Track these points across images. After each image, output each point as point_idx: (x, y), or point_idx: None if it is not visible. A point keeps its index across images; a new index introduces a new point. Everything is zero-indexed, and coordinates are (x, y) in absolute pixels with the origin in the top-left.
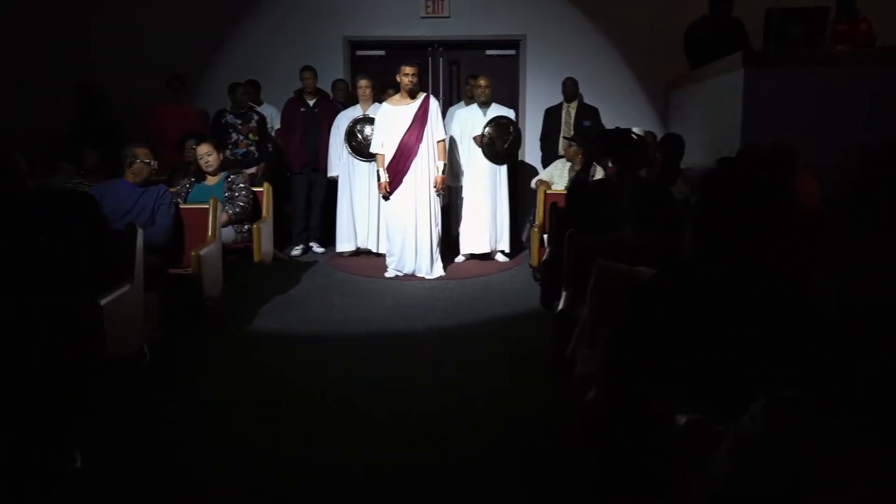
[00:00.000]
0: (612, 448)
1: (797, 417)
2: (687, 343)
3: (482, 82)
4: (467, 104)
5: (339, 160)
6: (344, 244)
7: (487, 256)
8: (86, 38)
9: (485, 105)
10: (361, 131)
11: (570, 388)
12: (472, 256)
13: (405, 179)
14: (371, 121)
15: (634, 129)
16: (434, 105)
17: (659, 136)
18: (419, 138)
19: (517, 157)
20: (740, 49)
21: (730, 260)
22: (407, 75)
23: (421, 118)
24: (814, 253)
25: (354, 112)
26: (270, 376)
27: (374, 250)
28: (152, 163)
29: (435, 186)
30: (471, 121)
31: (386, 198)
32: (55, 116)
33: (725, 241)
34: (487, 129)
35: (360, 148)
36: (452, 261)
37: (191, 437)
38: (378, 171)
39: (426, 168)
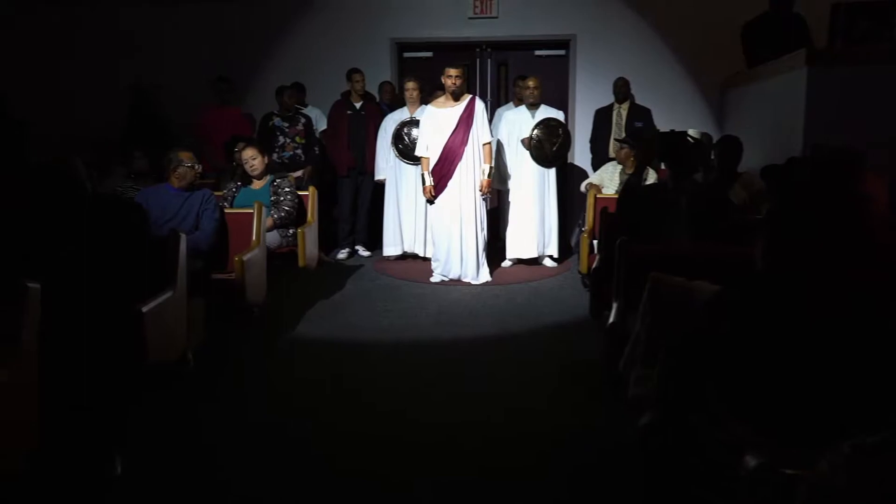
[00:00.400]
0: (669, 481)
1: (886, 469)
2: (755, 370)
3: (531, 83)
4: (516, 105)
5: (387, 163)
6: (390, 248)
7: (535, 261)
8: (135, 41)
9: (533, 107)
10: (409, 134)
11: (622, 407)
12: (519, 261)
13: (450, 183)
14: (418, 123)
15: (691, 132)
16: (480, 107)
17: (715, 137)
18: (464, 141)
19: (566, 160)
20: (802, 46)
21: (808, 278)
22: (451, 77)
23: (466, 121)
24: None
25: (402, 115)
26: (312, 384)
27: (421, 254)
28: (196, 166)
29: (481, 190)
30: (518, 123)
31: (430, 202)
32: (107, 119)
33: (804, 257)
34: (536, 131)
35: (406, 151)
36: (499, 265)
37: (231, 443)
38: (423, 175)
39: (472, 172)
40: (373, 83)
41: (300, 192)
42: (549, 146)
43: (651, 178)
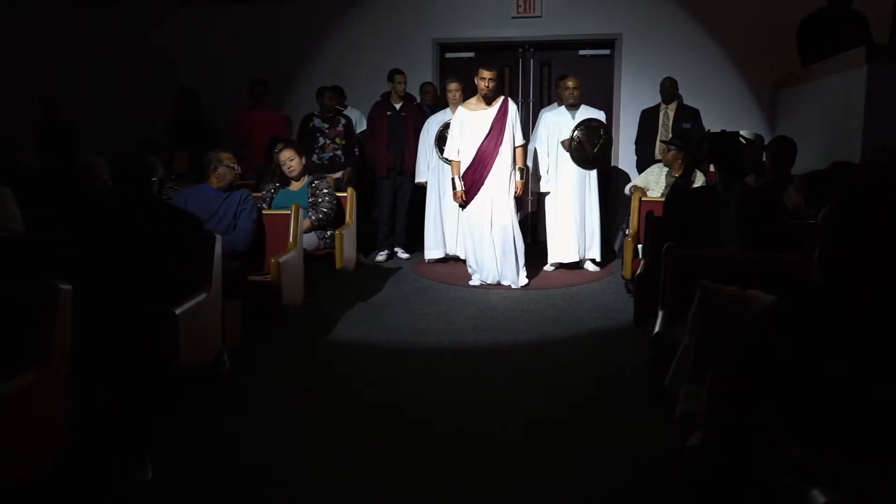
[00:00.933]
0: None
1: None
2: (820, 392)
3: (570, 83)
4: (559, 106)
5: (428, 166)
6: (432, 251)
7: (576, 265)
8: (178, 44)
9: (573, 107)
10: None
11: (669, 424)
12: (560, 266)
13: (483, 188)
14: None
15: (743, 133)
16: (513, 109)
17: (767, 139)
18: (498, 145)
19: (608, 161)
20: (862, 43)
21: (873, 291)
22: (484, 79)
23: (500, 124)
24: None
25: (444, 116)
26: (347, 388)
27: (462, 257)
28: (236, 167)
29: (515, 192)
30: (558, 124)
31: (462, 206)
32: (150, 121)
33: (863, 266)
34: (576, 132)
35: None
36: (541, 269)
37: (265, 447)
38: (453, 179)
39: (506, 176)
40: (414, 84)
41: (339, 194)
42: (590, 147)
43: (699, 180)
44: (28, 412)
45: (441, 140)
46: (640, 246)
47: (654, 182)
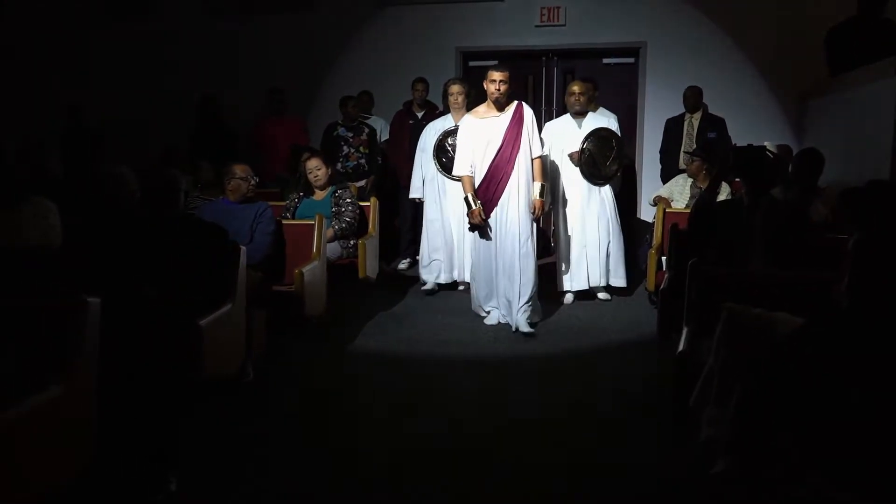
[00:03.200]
0: None
1: None
2: (841, 419)
3: (575, 88)
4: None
5: (426, 180)
6: (430, 275)
7: (588, 295)
8: (203, 53)
9: (579, 115)
10: (453, 145)
11: (692, 445)
12: (574, 296)
13: (497, 208)
14: None
15: (768, 146)
16: (529, 115)
17: (793, 150)
18: (513, 158)
19: (622, 174)
20: (892, 54)
21: None
22: (494, 82)
23: (514, 133)
24: None
25: (444, 123)
26: (369, 397)
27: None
28: (250, 179)
29: (532, 212)
30: (563, 134)
31: (474, 228)
32: (173, 129)
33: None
34: (586, 144)
35: (450, 165)
36: (557, 299)
37: (287, 456)
38: (467, 198)
39: (524, 194)
40: (438, 92)
41: (361, 203)
42: (602, 160)
43: (724, 193)
44: (56, 424)
45: (441, 150)
46: (663, 258)
47: (678, 193)
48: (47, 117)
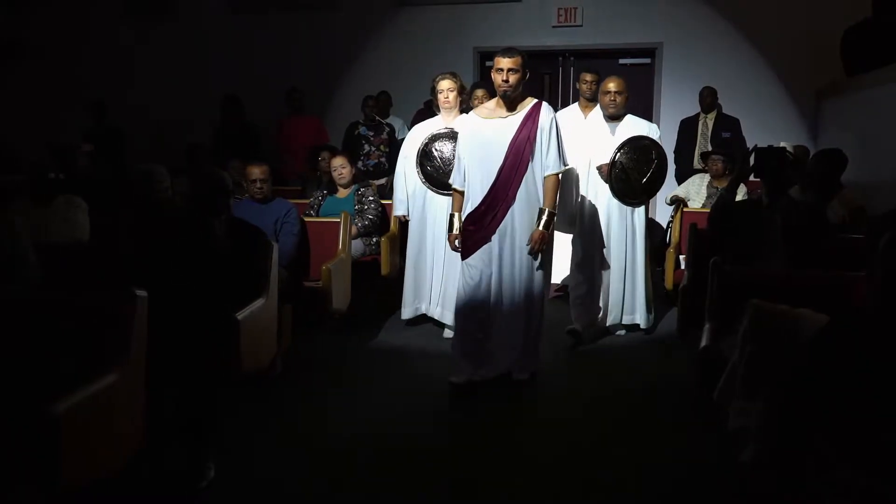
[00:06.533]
0: None
1: None
2: (868, 414)
3: (612, 86)
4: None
5: (410, 193)
6: (406, 308)
7: (605, 332)
8: (223, 51)
9: (615, 119)
10: (441, 152)
11: (715, 438)
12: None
13: (497, 234)
14: (455, 136)
15: (786, 146)
16: (548, 118)
17: (809, 149)
18: (522, 171)
19: (655, 192)
20: None
21: None
22: (500, 71)
23: (525, 139)
24: None
25: (432, 125)
26: (389, 393)
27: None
28: (259, 183)
29: (531, 244)
30: (590, 135)
31: (464, 256)
32: (196, 127)
33: None
34: (620, 154)
35: (436, 175)
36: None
37: (314, 448)
38: (452, 217)
39: (534, 215)
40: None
41: (383, 201)
42: (636, 176)
43: (741, 192)
44: (111, 411)
45: (425, 157)
46: (681, 257)
47: (694, 192)
48: (75, 116)
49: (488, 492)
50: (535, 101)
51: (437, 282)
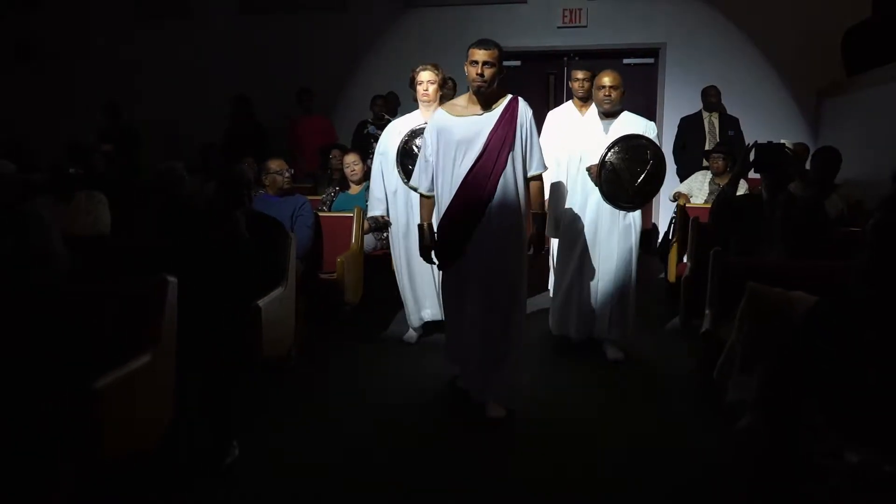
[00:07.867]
0: (770, 482)
1: None
2: (854, 384)
3: (606, 80)
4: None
5: (389, 192)
6: (417, 316)
7: (589, 345)
8: (234, 51)
9: (609, 116)
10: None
11: (717, 415)
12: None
13: (471, 246)
14: None
15: (786, 143)
16: (526, 115)
17: (809, 148)
18: (498, 172)
19: (651, 196)
20: None
21: None
22: (475, 63)
23: (502, 137)
24: None
25: (411, 120)
26: (400, 383)
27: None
28: (285, 173)
29: (530, 248)
30: (582, 134)
31: (441, 266)
32: (207, 127)
33: None
34: (611, 153)
35: None
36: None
37: (328, 434)
38: (421, 228)
39: (511, 224)
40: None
41: None
42: (628, 177)
43: (741, 188)
44: (145, 389)
45: (405, 155)
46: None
47: (696, 189)
48: (90, 116)
49: (488, 487)
50: (511, 96)
51: (431, 284)
